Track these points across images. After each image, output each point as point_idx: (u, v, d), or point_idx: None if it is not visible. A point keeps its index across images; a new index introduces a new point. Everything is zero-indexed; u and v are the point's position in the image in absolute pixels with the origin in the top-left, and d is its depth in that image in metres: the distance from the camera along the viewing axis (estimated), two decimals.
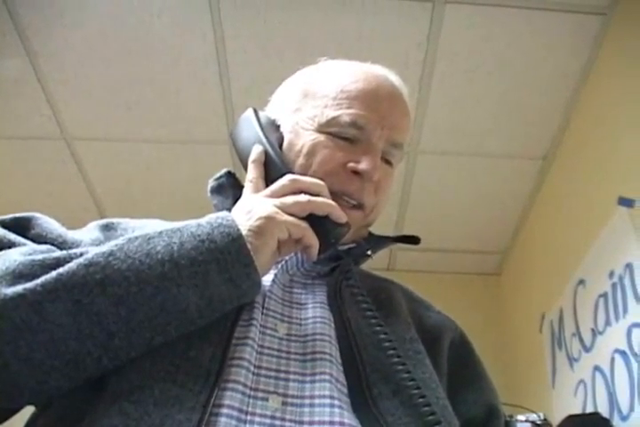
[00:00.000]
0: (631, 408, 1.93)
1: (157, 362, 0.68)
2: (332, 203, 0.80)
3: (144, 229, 0.76)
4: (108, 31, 2.40)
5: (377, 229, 1.02)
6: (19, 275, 0.66)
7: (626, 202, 2.07)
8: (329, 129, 0.89)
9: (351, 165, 0.87)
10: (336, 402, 0.69)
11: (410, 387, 0.74)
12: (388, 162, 0.93)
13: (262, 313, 0.78)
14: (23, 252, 0.73)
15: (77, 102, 2.66)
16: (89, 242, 0.82)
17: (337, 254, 0.90)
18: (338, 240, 0.83)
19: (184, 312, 0.68)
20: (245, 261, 0.70)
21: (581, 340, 2.34)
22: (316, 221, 0.78)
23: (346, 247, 0.91)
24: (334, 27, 2.34)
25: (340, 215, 0.80)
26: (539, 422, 1.99)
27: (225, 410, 0.64)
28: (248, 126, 0.94)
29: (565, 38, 2.33)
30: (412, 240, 0.98)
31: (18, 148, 2.86)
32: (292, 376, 0.72)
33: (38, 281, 0.64)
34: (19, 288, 0.63)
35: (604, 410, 2.09)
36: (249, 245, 0.71)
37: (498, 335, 3.28)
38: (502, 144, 2.75)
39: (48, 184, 3.03)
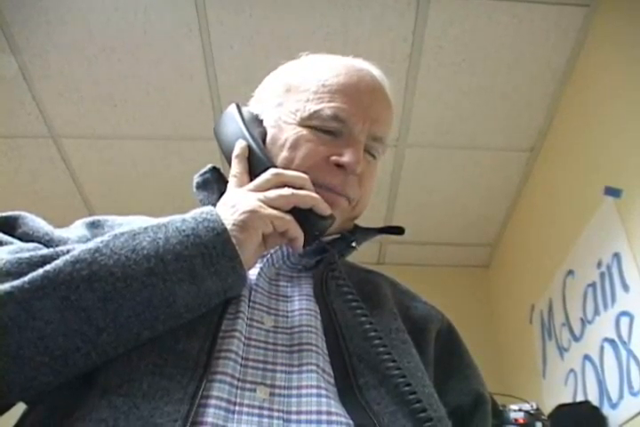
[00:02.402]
0: (621, 396, 1.95)
1: (145, 356, 0.68)
2: (316, 195, 0.80)
3: (130, 226, 0.76)
4: (93, 28, 2.39)
5: (365, 222, 1.02)
6: (6, 273, 0.66)
7: (612, 192, 2.09)
8: (311, 123, 0.89)
9: (334, 158, 0.87)
10: (323, 392, 0.70)
11: (396, 376, 0.75)
12: (371, 155, 0.93)
13: (249, 306, 0.78)
14: (10, 250, 0.73)
15: (64, 100, 2.64)
16: (75, 239, 0.82)
17: (322, 247, 0.90)
18: (322, 232, 0.83)
19: (171, 307, 0.68)
20: (231, 255, 0.71)
21: (571, 329, 2.36)
22: (301, 214, 0.79)
23: (330, 239, 0.91)
24: (320, 22, 2.34)
25: (323, 208, 0.81)
26: (531, 412, 2.00)
27: (213, 401, 0.65)
28: (231, 122, 0.94)
29: (550, 31, 2.34)
30: (397, 231, 0.98)
31: (4, 146, 2.85)
32: (279, 367, 0.73)
33: (25, 279, 0.64)
34: (6, 286, 0.64)
35: (594, 398, 2.11)
36: (234, 239, 0.71)
37: (488, 327, 3.30)
38: (489, 136, 2.77)
39: (36, 183, 3.02)
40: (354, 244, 0.92)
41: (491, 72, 2.50)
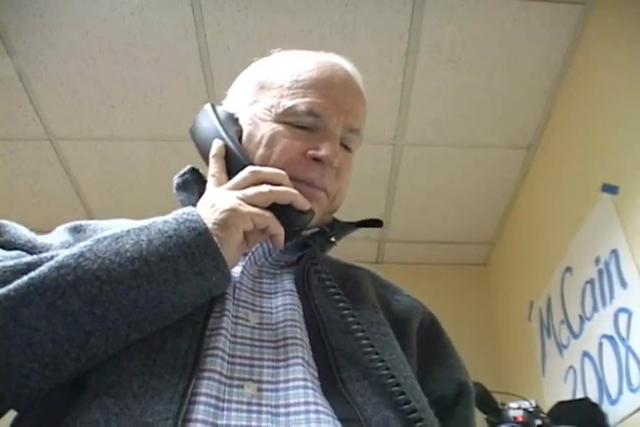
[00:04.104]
0: (620, 392, 1.95)
1: (135, 357, 0.69)
2: (294, 191, 0.82)
3: (112, 230, 0.77)
4: (90, 29, 2.39)
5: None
6: None
7: (609, 189, 2.09)
8: (286, 119, 0.90)
9: (311, 152, 0.88)
10: (309, 384, 0.72)
11: (379, 368, 0.75)
12: (346, 148, 0.95)
13: (234, 304, 0.80)
14: None
15: (61, 102, 2.64)
16: (59, 245, 0.83)
17: (303, 243, 0.91)
18: (303, 227, 0.85)
19: (157, 307, 0.69)
20: (213, 254, 0.72)
21: (570, 326, 2.37)
22: (280, 210, 0.80)
23: (309, 233, 0.92)
24: (316, 21, 2.34)
25: (302, 203, 0.82)
26: (531, 410, 2.00)
27: (202, 398, 0.66)
28: (206, 121, 0.95)
29: (546, 28, 2.34)
30: (375, 224, 0.98)
31: (2, 149, 2.85)
32: (265, 363, 0.74)
33: (11, 286, 0.65)
34: None
35: (593, 395, 2.11)
36: (215, 238, 0.72)
37: (487, 325, 3.31)
38: (486, 134, 2.77)
39: (34, 185, 3.01)
40: (333, 239, 0.93)
41: (487, 70, 2.50)
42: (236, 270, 0.83)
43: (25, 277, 0.66)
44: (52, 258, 0.70)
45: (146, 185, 3.02)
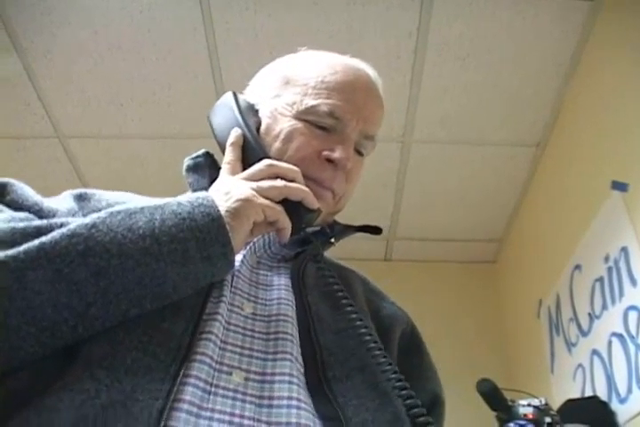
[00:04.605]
0: (629, 391, 1.94)
1: (131, 332, 0.69)
2: (306, 189, 0.83)
3: (118, 202, 0.80)
4: (98, 27, 2.40)
5: (372, 219, 1.04)
6: (1, 242, 0.67)
7: (619, 186, 2.08)
8: (307, 117, 0.92)
9: (326, 153, 0.90)
10: (295, 380, 0.73)
11: (387, 371, 0.77)
12: (359, 153, 0.97)
13: (231, 291, 0.81)
14: (2, 219, 0.74)
15: (69, 100, 2.65)
16: (65, 211, 0.83)
17: (302, 240, 0.93)
18: (308, 225, 0.86)
19: (160, 286, 0.70)
20: (224, 241, 0.72)
21: (579, 324, 2.36)
22: (290, 206, 0.81)
23: (310, 231, 0.93)
24: (325, 18, 2.34)
25: (312, 201, 0.83)
26: (541, 407, 2.00)
27: (192, 380, 0.67)
28: (227, 110, 0.96)
29: (555, 24, 2.33)
30: (375, 230, 1.00)
31: (11, 147, 2.86)
32: (255, 354, 0.76)
33: (21, 248, 0.65)
34: (0, 255, 0.64)
35: (602, 393, 2.11)
36: (227, 226, 0.73)
37: (496, 323, 3.30)
38: (495, 132, 2.76)
39: (43, 183, 2.98)
40: (332, 240, 0.95)
41: (496, 67, 2.49)
42: (237, 259, 0.84)
43: (36, 242, 0.66)
44: (62, 225, 0.70)
45: (154, 183, 3.03)
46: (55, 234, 0.67)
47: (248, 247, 0.89)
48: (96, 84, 2.59)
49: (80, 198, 0.89)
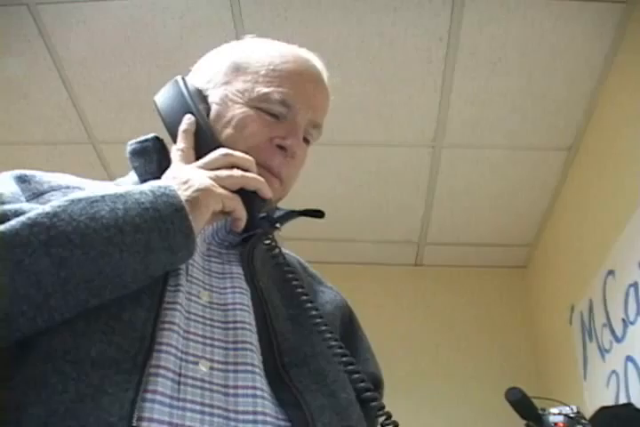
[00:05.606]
0: None
1: (91, 323, 0.69)
2: (262, 179, 0.85)
3: (60, 184, 0.81)
4: (131, 34, 2.43)
5: (402, 223, 1.04)
6: None
7: None
8: (258, 104, 0.92)
9: (277, 140, 0.91)
10: (257, 369, 0.74)
11: (338, 355, 0.77)
12: (306, 140, 0.98)
13: (187, 280, 0.81)
14: None
15: (103, 106, 2.69)
16: (10, 195, 0.80)
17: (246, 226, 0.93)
18: (260, 214, 0.87)
19: (119, 277, 0.69)
20: (187, 232, 0.73)
21: (612, 330, 2.33)
22: (245, 195, 0.83)
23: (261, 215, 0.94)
24: (355, 24, 2.34)
25: (267, 191, 0.85)
26: (572, 415, 1.98)
27: (162, 371, 0.67)
28: (177, 95, 0.97)
29: (587, 28, 2.31)
30: (316, 214, 1.00)
31: (45, 153, 2.91)
32: (216, 343, 0.76)
33: None
34: None
35: (637, 401, 2.08)
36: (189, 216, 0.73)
37: (527, 328, 3.28)
38: (526, 136, 2.74)
39: None
40: (277, 224, 0.94)
41: (527, 71, 2.48)
42: None
43: None
44: (16, 212, 0.69)
45: None
46: (14, 223, 0.66)
47: (199, 235, 0.88)
48: (129, 90, 2.62)
49: (20, 180, 0.87)
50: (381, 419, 0.72)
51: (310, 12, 2.33)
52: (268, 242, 0.88)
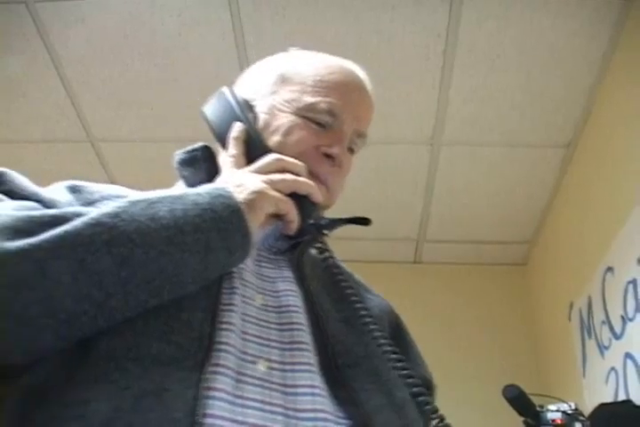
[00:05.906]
0: None
1: (151, 322, 0.70)
2: (313, 184, 0.86)
3: (111, 194, 0.83)
4: (129, 32, 2.43)
5: (401, 221, 1.04)
6: (17, 230, 0.65)
7: None
8: (305, 113, 0.94)
9: (324, 148, 0.93)
10: (313, 368, 0.76)
11: (392, 360, 0.78)
12: (351, 150, 1.00)
13: (240, 283, 0.82)
14: (14, 207, 0.73)
15: (101, 104, 2.69)
16: (65, 203, 0.82)
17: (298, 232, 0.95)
18: (311, 218, 0.88)
19: (178, 277, 0.70)
20: (244, 232, 0.74)
21: (611, 327, 2.33)
22: (296, 199, 0.83)
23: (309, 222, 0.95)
24: (353, 21, 2.34)
25: (317, 196, 0.86)
26: (570, 412, 1.98)
27: (221, 369, 0.68)
28: (225, 104, 0.99)
29: (585, 25, 2.31)
30: (363, 221, 1.01)
31: (44, 151, 2.91)
32: (273, 344, 0.77)
33: (42, 237, 0.64)
34: (21, 243, 0.63)
35: (636, 397, 2.08)
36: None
37: (526, 325, 3.28)
38: (525, 133, 2.74)
39: None
40: (326, 231, 0.96)
41: (526, 68, 2.48)
42: None
43: (58, 230, 0.65)
44: (77, 214, 0.69)
45: None
46: (77, 223, 0.66)
47: None
48: (127, 88, 2.62)
49: (72, 190, 0.88)
50: (435, 422, 0.73)
51: (308, 10, 2.32)
52: (319, 246, 0.90)
